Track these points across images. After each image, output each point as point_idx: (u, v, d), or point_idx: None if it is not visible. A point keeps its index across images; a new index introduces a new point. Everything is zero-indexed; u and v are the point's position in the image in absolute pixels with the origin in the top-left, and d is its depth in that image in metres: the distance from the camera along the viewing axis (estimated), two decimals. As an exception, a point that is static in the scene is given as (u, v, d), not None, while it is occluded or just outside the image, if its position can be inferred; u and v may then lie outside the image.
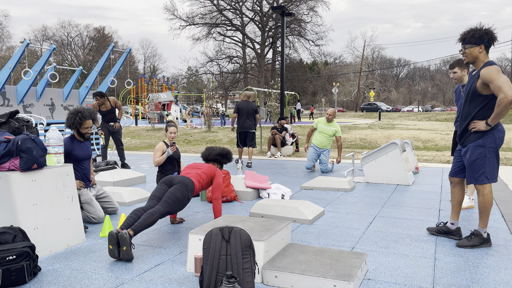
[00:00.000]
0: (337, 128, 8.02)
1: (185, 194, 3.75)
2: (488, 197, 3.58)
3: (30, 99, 10.63)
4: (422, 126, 22.61)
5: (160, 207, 3.56)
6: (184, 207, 3.81)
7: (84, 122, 4.42)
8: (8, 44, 55.77)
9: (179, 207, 3.71)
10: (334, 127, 8.02)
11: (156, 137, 18.28)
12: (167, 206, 3.60)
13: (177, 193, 3.70)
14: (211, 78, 48.64)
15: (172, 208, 3.63)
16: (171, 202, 3.63)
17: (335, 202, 5.50)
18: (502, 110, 3.31)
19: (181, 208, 3.75)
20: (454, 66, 4.92)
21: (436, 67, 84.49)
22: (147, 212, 3.50)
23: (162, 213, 3.54)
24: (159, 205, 3.58)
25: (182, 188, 3.76)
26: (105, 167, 7.49)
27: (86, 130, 4.48)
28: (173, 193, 3.69)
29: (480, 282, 2.91)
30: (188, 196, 3.79)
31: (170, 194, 3.68)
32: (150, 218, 3.45)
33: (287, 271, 2.80)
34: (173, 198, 3.66)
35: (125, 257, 3.26)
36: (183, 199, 3.73)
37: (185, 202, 3.77)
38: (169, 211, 3.61)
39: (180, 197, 3.70)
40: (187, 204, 3.82)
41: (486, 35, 3.42)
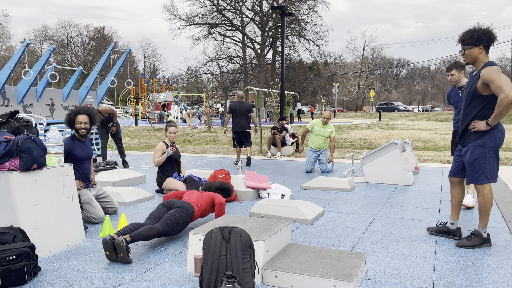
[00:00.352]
0: (332, 129, 8.12)
1: (184, 218, 3.77)
2: (488, 197, 3.58)
3: (30, 99, 10.63)
4: (422, 126, 22.62)
5: (159, 225, 3.56)
6: (181, 231, 3.82)
7: (76, 116, 4.40)
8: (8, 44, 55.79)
9: (176, 230, 3.71)
10: (330, 128, 8.12)
11: (156, 137, 18.28)
12: (166, 226, 3.60)
13: (177, 215, 3.72)
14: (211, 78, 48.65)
15: (170, 229, 3.63)
16: (170, 223, 3.64)
17: (335, 202, 5.50)
18: (502, 110, 3.31)
19: (178, 231, 3.76)
20: (452, 68, 4.94)
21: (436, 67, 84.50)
22: (147, 225, 3.51)
23: (160, 231, 3.53)
24: (158, 224, 3.59)
25: (182, 212, 3.78)
26: (105, 167, 7.49)
27: (79, 125, 4.42)
28: (173, 215, 3.70)
29: (480, 282, 2.91)
30: (187, 221, 3.81)
31: (169, 215, 3.69)
32: (149, 231, 3.45)
33: (287, 271, 2.80)
34: (173, 219, 3.67)
35: (123, 262, 3.27)
36: (182, 223, 3.74)
37: (183, 226, 3.77)
38: (166, 232, 3.60)
39: (179, 220, 3.71)
40: (184, 229, 3.83)
41: (484, 36, 3.42)
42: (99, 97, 12.34)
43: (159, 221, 3.69)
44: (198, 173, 6.99)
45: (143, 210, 5.08)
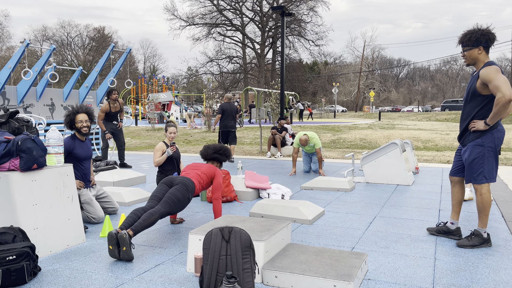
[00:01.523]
0: (315, 141, 7.69)
1: (185, 194, 3.75)
2: (486, 197, 3.59)
3: (30, 99, 10.64)
4: (422, 126, 22.62)
5: (160, 207, 3.56)
6: (184, 207, 3.81)
7: (76, 116, 4.42)
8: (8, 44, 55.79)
9: (179, 208, 3.71)
10: (312, 143, 7.74)
11: (156, 137, 18.28)
12: (167, 207, 3.60)
13: (177, 193, 3.70)
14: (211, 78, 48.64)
15: (172, 208, 3.63)
16: (171, 202, 3.63)
17: (335, 202, 5.50)
18: (500, 109, 3.32)
19: (181, 208, 3.75)
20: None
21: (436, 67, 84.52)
22: (147, 212, 3.50)
23: (162, 213, 3.54)
24: (159, 206, 3.58)
25: (182, 189, 3.76)
26: (105, 167, 7.50)
27: (80, 124, 4.45)
28: (173, 193, 3.69)
29: (480, 282, 2.91)
30: (188, 197, 3.79)
31: (170, 194, 3.68)
32: (150, 218, 3.45)
33: (287, 271, 2.80)
34: (173, 198, 3.66)
35: (125, 257, 3.27)
36: (184, 200, 3.73)
37: (185, 203, 3.77)
38: (169, 212, 3.61)
39: (180, 198, 3.70)
40: (187, 205, 3.82)
41: (483, 37, 3.44)
42: (99, 97, 12.34)
43: (160, 201, 3.69)
44: (198, 173, 6.98)
45: (143, 210, 5.08)
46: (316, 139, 7.69)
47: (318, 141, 7.66)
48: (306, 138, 7.57)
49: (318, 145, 7.67)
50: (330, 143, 14.66)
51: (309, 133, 7.69)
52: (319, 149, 7.67)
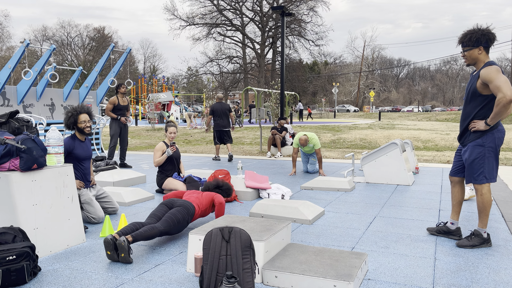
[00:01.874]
0: (314, 142, 7.68)
1: (185, 217, 3.77)
2: (486, 197, 3.59)
3: (30, 99, 10.64)
4: (422, 126, 22.62)
5: (160, 225, 3.56)
6: (182, 230, 3.82)
7: (79, 116, 4.44)
8: (8, 44, 55.79)
9: (177, 229, 3.71)
10: (311, 143, 7.73)
11: (156, 137, 18.28)
12: (167, 226, 3.60)
13: (178, 214, 3.72)
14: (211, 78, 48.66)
15: (171, 228, 3.63)
16: (171, 222, 3.63)
17: (335, 202, 5.50)
18: (500, 109, 3.32)
19: (179, 230, 3.75)
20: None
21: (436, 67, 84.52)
22: (148, 225, 3.50)
23: (161, 231, 3.53)
24: (159, 223, 3.58)
25: (183, 211, 3.78)
26: (105, 167, 7.50)
27: (84, 124, 4.48)
28: (174, 214, 3.70)
29: (480, 282, 2.91)
30: (187, 220, 3.81)
31: (171, 214, 3.69)
32: (151, 231, 3.45)
33: (287, 271, 2.80)
34: (174, 218, 3.67)
35: (123, 262, 3.27)
36: (183, 222, 3.74)
37: (184, 225, 3.77)
38: (168, 231, 3.60)
39: (180, 219, 3.71)
40: (184, 228, 3.83)
41: (483, 37, 3.43)
42: (99, 97, 12.34)
43: (160, 220, 3.69)
44: (198, 173, 6.99)
45: (143, 210, 5.08)
46: (315, 140, 7.68)
47: (318, 141, 7.65)
48: (306, 139, 7.55)
49: (317, 145, 7.66)
50: (330, 143, 14.66)
51: (309, 134, 7.68)
52: (318, 149, 7.66)
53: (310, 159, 8.15)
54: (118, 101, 8.35)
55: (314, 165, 8.12)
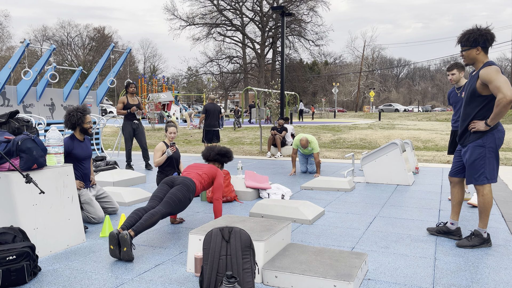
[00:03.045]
0: (313, 146, 7.70)
1: (186, 195, 3.75)
2: (487, 197, 3.58)
3: (30, 99, 10.64)
4: (422, 126, 22.62)
5: (161, 207, 3.56)
6: (185, 208, 3.81)
7: (85, 117, 4.50)
8: (8, 44, 55.77)
9: (180, 208, 3.71)
10: (311, 147, 7.74)
11: (156, 137, 18.28)
12: (168, 207, 3.59)
13: (178, 193, 3.70)
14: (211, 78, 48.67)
15: (173, 208, 3.63)
16: (172, 202, 3.63)
17: (335, 202, 5.50)
18: (501, 110, 3.32)
19: (182, 209, 3.75)
20: (453, 68, 4.94)
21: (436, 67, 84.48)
22: (148, 213, 3.50)
23: (163, 213, 3.54)
24: (160, 206, 3.57)
25: (183, 189, 3.76)
26: (105, 167, 7.50)
27: (89, 125, 4.55)
28: (174, 193, 3.69)
29: (480, 282, 2.91)
30: (189, 197, 3.79)
31: (171, 194, 3.68)
32: (151, 219, 3.45)
33: (287, 271, 2.80)
34: (175, 198, 3.66)
35: (125, 257, 3.27)
36: (185, 200, 3.73)
37: (186, 203, 3.77)
38: (170, 212, 3.61)
39: (181, 198, 3.70)
40: (188, 205, 3.82)
41: (480, 37, 3.43)
42: (99, 97, 12.34)
43: (161, 201, 3.68)
44: (198, 173, 6.98)
45: (143, 210, 5.08)
46: (314, 144, 7.68)
47: (317, 146, 7.67)
48: (306, 140, 7.57)
49: (316, 150, 7.68)
50: (330, 143, 14.66)
51: (309, 137, 7.69)
52: (317, 154, 7.68)
53: (309, 159, 8.16)
54: (127, 100, 8.27)
55: (313, 165, 8.12)
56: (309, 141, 7.63)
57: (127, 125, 8.23)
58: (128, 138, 8.25)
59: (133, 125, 8.25)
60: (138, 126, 8.29)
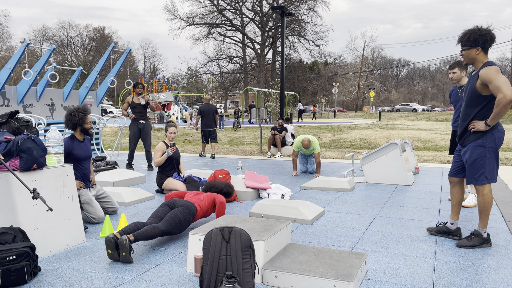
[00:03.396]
0: (314, 146, 7.69)
1: (187, 217, 3.78)
2: (487, 197, 3.58)
3: (30, 99, 10.64)
4: (422, 126, 22.62)
5: (162, 224, 3.57)
6: (183, 230, 3.83)
7: (86, 117, 4.51)
8: (8, 44, 55.77)
9: (179, 229, 3.71)
10: (312, 147, 7.73)
11: (156, 137, 18.27)
12: (169, 225, 3.60)
13: (179, 215, 3.72)
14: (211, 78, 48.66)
15: (172, 228, 3.63)
16: (172, 222, 3.64)
17: (335, 202, 5.50)
18: (501, 110, 3.32)
19: (181, 230, 3.76)
20: (454, 66, 4.92)
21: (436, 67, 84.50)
22: (149, 225, 3.51)
23: (163, 231, 3.54)
24: (161, 223, 3.59)
25: (184, 211, 3.78)
26: (105, 167, 7.50)
27: (90, 125, 4.57)
28: (175, 214, 3.71)
29: (480, 282, 2.91)
30: (189, 220, 3.81)
31: (172, 214, 3.70)
32: (153, 231, 3.45)
33: (287, 271, 2.80)
34: (175, 219, 3.67)
35: (124, 261, 3.27)
36: (184, 222, 3.75)
37: (185, 225, 3.78)
38: (169, 231, 3.61)
39: (181, 219, 3.72)
40: (186, 228, 3.84)
41: (480, 38, 3.43)
42: (99, 97, 12.34)
43: (161, 220, 3.69)
44: (198, 173, 6.98)
45: (143, 210, 5.08)
46: (315, 144, 7.68)
47: (318, 146, 7.67)
48: (309, 141, 7.56)
49: (317, 150, 7.67)
50: (330, 143, 14.66)
51: (311, 138, 7.70)
52: (317, 154, 7.66)
53: (309, 159, 8.16)
54: (132, 100, 8.26)
55: (313, 165, 8.13)
56: (311, 141, 7.63)
57: (133, 124, 8.23)
58: (132, 137, 8.23)
59: (139, 125, 8.21)
60: (144, 126, 8.24)
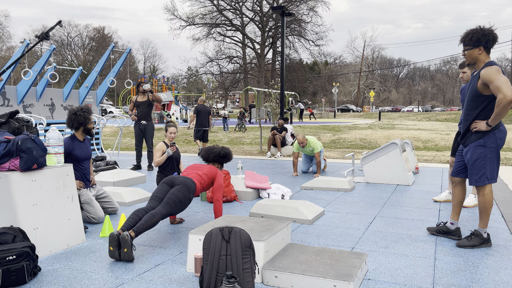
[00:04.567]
0: (314, 146, 7.64)
1: (186, 195, 3.75)
2: (488, 197, 3.59)
3: (30, 99, 10.64)
4: (422, 126, 22.62)
5: (162, 208, 3.55)
6: (185, 208, 3.81)
7: (90, 117, 4.52)
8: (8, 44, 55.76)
9: (180, 208, 3.70)
10: (311, 147, 7.72)
11: (156, 137, 18.27)
12: (169, 207, 3.59)
13: (178, 194, 3.69)
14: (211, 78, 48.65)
15: (173, 209, 3.62)
16: (172, 203, 3.62)
17: (335, 202, 5.50)
18: (501, 110, 3.33)
19: (182, 209, 3.75)
20: (464, 65, 4.84)
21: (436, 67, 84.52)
22: (148, 213, 3.49)
23: (163, 214, 3.53)
24: (160, 206, 3.57)
25: (183, 189, 3.75)
26: (105, 167, 7.50)
27: (92, 125, 4.59)
28: (174, 194, 3.69)
29: (480, 282, 2.91)
30: (189, 197, 3.79)
31: (171, 195, 3.67)
32: (152, 219, 3.44)
33: (287, 271, 2.80)
34: (175, 199, 3.65)
35: (125, 258, 3.27)
36: (185, 200, 3.73)
37: (186, 203, 3.76)
38: (170, 212, 3.60)
39: (181, 198, 3.69)
40: (188, 205, 3.82)
41: (483, 37, 3.44)
42: (99, 97, 12.33)
43: (161, 201, 3.68)
44: (198, 173, 6.98)
45: (143, 210, 5.08)
46: (314, 144, 7.63)
47: (317, 145, 7.59)
48: (303, 136, 7.53)
49: (317, 149, 7.62)
50: (330, 143, 14.66)
51: (309, 137, 7.67)
52: (317, 153, 7.62)
53: (313, 159, 8.18)
54: (136, 99, 8.35)
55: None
56: (306, 138, 7.62)
57: (135, 125, 8.38)
58: (135, 138, 8.46)
59: (140, 125, 8.33)
60: (146, 127, 8.32)
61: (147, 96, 8.31)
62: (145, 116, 8.29)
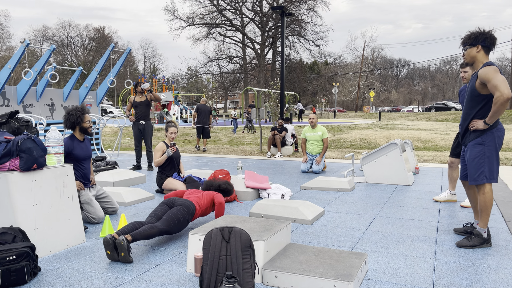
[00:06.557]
0: (323, 131, 8.04)
1: (185, 216, 3.77)
2: (488, 196, 3.59)
3: (30, 99, 10.63)
4: (422, 126, 22.62)
5: (160, 224, 3.56)
6: (183, 229, 3.81)
7: (85, 116, 4.50)
8: (8, 44, 55.76)
9: (178, 228, 3.70)
10: (319, 131, 8.10)
11: (156, 137, 18.27)
12: (167, 225, 3.59)
13: (178, 214, 3.71)
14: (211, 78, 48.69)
15: (171, 227, 3.62)
16: (171, 221, 3.63)
17: (335, 202, 5.50)
18: (498, 108, 3.36)
19: (180, 229, 3.75)
20: (466, 65, 4.82)
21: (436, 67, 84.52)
22: (147, 224, 3.50)
23: (161, 230, 3.53)
24: (159, 222, 3.58)
25: (183, 210, 3.77)
26: (105, 167, 7.50)
27: (89, 124, 4.56)
28: (174, 213, 3.70)
29: (480, 282, 2.91)
30: (188, 219, 3.80)
31: (171, 213, 3.69)
32: (151, 230, 3.44)
33: (287, 271, 2.80)
34: (174, 218, 3.66)
35: (123, 261, 3.27)
36: (183, 221, 3.74)
37: (184, 224, 3.77)
38: (167, 231, 3.60)
39: (180, 218, 3.70)
40: (185, 227, 3.83)
41: (481, 35, 3.53)
42: (99, 97, 12.34)
43: (160, 219, 3.68)
44: (198, 173, 6.99)
45: (143, 210, 5.08)
46: (324, 129, 8.11)
47: (326, 132, 8.08)
48: (314, 117, 8.02)
49: (325, 135, 8.11)
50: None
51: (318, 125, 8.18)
52: (326, 139, 8.06)
53: (315, 159, 8.21)
54: (134, 99, 8.37)
55: (319, 165, 8.13)
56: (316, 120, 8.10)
57: (133, 126, 8.40)
58: (134, 138, 8.51)
59: (139, 125, 8.35)
60: (145, 127, 8.33)
61: (145, 96, 8.33)
62: (144, 116, 8.30)
